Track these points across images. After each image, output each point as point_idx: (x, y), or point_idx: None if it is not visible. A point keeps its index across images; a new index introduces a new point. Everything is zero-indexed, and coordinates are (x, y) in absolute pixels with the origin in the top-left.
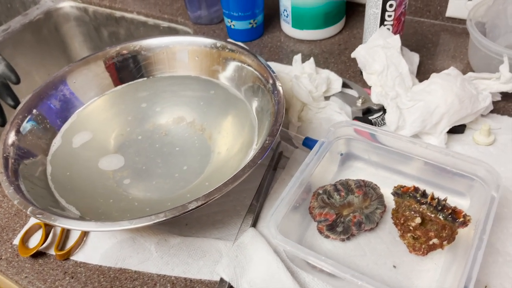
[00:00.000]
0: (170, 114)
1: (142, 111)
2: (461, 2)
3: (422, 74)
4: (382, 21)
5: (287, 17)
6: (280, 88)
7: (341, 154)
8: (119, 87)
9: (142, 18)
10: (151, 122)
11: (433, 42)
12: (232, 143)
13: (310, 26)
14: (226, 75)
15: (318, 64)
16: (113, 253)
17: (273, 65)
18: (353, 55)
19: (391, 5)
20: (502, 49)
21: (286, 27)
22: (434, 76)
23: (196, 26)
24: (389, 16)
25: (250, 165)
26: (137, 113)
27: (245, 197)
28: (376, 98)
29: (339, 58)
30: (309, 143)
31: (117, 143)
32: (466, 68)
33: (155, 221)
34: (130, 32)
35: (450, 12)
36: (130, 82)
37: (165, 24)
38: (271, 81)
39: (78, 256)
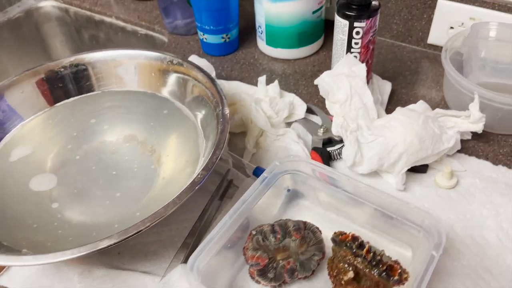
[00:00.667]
0: (120, 131)
1: (90, 126)
2: (443, 29)
3: (394, 104)
4: (349, 48)
5: (261, 33)
6: (227, 116)
7: (288, 190)
8: (70, 99)
9: (120, 23)
10: (98, 140)
11: (411, 70)
12: (177, 169)
13: (284, 45)
14: (178, 93)
15: (288, 85)
16: (35, 280)
17: (239, 84)
18: (316, 82)
19: (357, 33)
20: (473, 86)
21: (261, 44)
22: (397, 111)
23: (172, 36)
24: (356, 43)
25: (175, 202)
26: (85, 129)
27: (185, 227)
28: (335, 129)
29: (310, 80)
30: (259, 174)
31: (56, 161)
32: (441, 101)
33: (60, 259)
34: (109, 37)
35: (432, 39)
36: (83, 95)
37: (143, 31)
38: (220, 106)
39: (2, 280)
